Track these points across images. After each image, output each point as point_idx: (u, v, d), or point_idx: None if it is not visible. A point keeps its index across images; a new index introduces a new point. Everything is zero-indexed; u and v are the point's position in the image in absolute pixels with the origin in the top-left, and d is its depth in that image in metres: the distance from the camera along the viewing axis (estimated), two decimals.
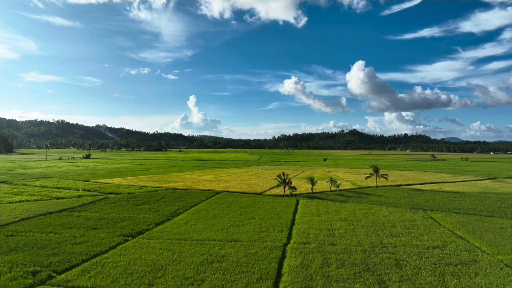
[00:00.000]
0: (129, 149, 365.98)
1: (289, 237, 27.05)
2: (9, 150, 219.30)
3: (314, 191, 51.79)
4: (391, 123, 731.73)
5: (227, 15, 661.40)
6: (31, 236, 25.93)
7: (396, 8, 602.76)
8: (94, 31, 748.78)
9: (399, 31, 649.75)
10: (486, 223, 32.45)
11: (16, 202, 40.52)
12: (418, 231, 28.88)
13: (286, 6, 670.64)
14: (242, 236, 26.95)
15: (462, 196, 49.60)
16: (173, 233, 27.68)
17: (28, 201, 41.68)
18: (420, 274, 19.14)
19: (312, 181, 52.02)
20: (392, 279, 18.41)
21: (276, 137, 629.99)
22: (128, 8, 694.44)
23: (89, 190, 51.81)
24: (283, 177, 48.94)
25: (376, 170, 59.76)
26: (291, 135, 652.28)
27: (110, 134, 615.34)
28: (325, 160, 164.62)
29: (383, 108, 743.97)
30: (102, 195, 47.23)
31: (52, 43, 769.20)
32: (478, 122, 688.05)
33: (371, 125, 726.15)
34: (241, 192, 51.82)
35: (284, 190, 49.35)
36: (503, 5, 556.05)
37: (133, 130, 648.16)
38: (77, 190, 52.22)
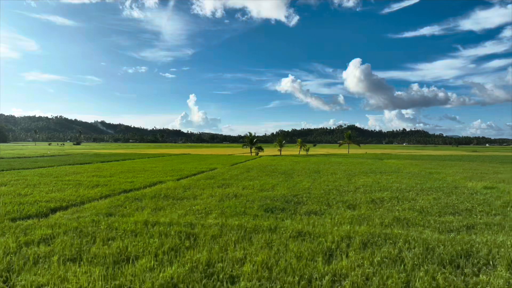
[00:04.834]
0: (123, 141, 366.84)
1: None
2: (3, 140, 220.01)
3: (282, 154, 52.13)
4: (391, 121, 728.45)
5: (219, 14, 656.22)
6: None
7: (396, 6, 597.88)
8: (94, 30, 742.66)
9: (400, 29, 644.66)
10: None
11: None
12: (367, 163, 29.27)
13: (276, 5, 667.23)
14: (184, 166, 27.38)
15: (435, 156, 49.98)
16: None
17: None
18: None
19: (280, 143, 52.37)
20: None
21: (275, 133, 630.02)
22: (120, 7, 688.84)
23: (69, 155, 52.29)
24: (250, 137, 49.28)
25: (349, 136, 60.09)
26: (290, 130, 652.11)
27: (108, 130, 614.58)
28: (314, 145, 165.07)
29: (381, 106, 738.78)
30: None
31: (52, 42, 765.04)
32: (479, 120, 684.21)
33: (372, 124, 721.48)
34: (210, 154, 52.27)
35: (250, 150, 49.70)
36: (503, 3, 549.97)
37: (132, 126, 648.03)
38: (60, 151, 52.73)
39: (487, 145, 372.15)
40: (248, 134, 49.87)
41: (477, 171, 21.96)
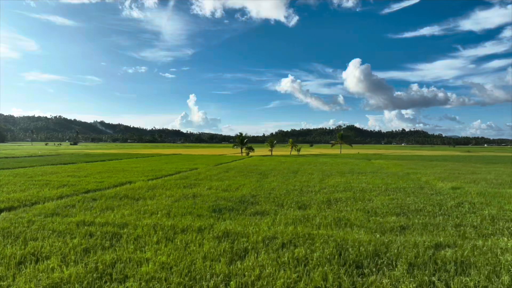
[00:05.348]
0: (122, 141, 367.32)
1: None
2: (1, 140, 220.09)
3: (273, 154, 52.16)
4: (391, 122, 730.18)
5: (218, 14, 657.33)
6: None
7: (396, 6, 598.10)
8: (94, 30, 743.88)
9: (399, 29, 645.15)
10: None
11: None
12: (351, 163, 29.28)
13: (276, 5, 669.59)
14: (166, 166, 27.39)
15: (426, 156, 49.97)
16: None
17: None
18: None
19: (271, 143, 52.40)
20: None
21: (274, 133, 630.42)
22: (120, 7, 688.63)
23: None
24: (240, 137, 49.29)
25: (341, 137, 60.11)
26: (289, 130, 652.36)
27: (107, 130, 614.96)
28: (311, 145, 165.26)
29: (381, 106, 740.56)
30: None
31: (52, 42, 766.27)
32: (479, 120, 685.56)
33: (372, 124, 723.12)
34: (201, 154, 52.29)
35: (241, 151, 49.72)
36: (503, 3, 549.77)
37: (131, 126, 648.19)
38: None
39: (485, 145, 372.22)
40: (239, 134, 49.87)
41: (456, 172, 21.97)
